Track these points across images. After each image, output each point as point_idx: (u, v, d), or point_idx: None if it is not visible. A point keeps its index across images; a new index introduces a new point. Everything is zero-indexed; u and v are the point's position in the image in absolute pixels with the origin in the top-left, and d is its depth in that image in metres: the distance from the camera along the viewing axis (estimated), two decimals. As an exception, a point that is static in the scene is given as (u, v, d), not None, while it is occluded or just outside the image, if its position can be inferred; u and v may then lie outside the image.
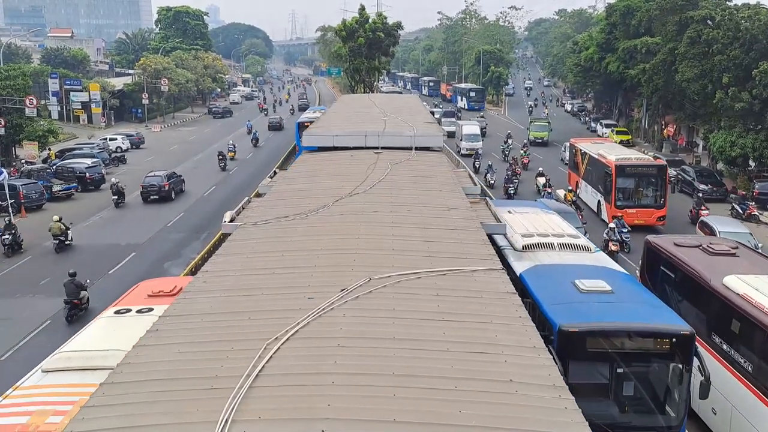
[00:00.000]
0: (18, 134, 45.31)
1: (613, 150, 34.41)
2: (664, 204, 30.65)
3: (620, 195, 30.71)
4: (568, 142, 42.72)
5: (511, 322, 8.65)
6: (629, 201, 30.69)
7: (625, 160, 31.37)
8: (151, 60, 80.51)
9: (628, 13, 58.65)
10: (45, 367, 10.20)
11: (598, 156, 33.29)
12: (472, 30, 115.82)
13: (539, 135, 58.54)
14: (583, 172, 36.47)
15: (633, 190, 30.83)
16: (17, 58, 78.14)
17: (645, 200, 30.84)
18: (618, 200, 30.54)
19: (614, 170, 30.52)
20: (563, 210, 24.57)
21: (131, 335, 8.98)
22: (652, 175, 30.95)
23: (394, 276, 9.81)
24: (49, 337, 19.85)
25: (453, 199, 15.04)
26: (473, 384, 7.06)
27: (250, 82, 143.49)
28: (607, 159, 31.93)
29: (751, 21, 37.70)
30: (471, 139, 51.76)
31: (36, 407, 8.87)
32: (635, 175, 30.91)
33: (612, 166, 30.77)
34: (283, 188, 16.90)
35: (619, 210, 30.03)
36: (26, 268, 26.35)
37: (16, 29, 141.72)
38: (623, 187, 30.81)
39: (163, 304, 10.63)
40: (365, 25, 60.34)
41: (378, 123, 23.03)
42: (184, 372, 7.38)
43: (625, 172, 30.66)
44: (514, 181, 37.80)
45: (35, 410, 8.78)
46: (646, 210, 30.52)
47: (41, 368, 10.23)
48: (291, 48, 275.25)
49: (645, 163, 31.57)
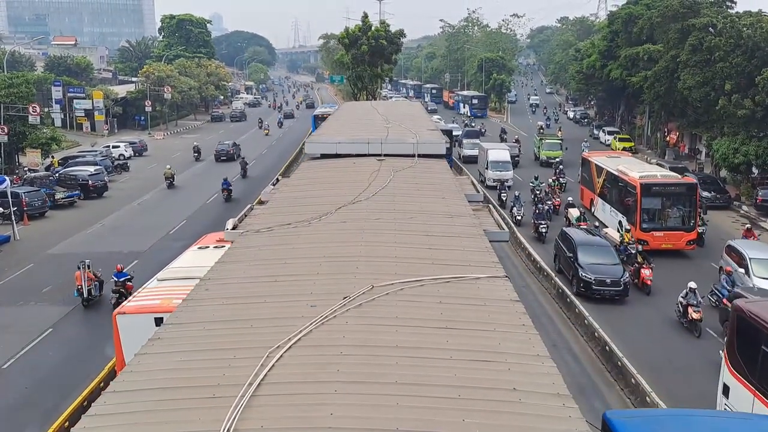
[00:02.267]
0: (21, 142, 45.39)
1: (635, 165, 31.88)
2: (695, 226, 28.05)
3: (646, 216, 27.99)
4: (582, 157, 39.40)
5: (515, 330, 8.62)
6: (656, 223, 28.08)
7: (650, 178, 28.71)
8: (154, 68, 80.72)
9: (630, 20, 58.70)
10: (159, 277, 16.03)
11: (618, 172, 30.72)
12: (475, 37, 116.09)
13: (552, 155, 50.29)
14: (599, 188, 33.89)
15: (660, 210, 28.22)
16: (21, 66, 78.39)
17: (674, 222, 28.12)
18: (643, 222, 27.92)
19: (639, 189, 27.89)
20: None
21: (211, 260, 12.60)
22: (681, 194, 28.33)
23: (397, 284, 9.78)
24: (51, 346, 19.85)
25: (456, 207, 15.02)
26: (477, 392, 7.02)
27: (252, 89, 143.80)
28: (629, 176, 29.38)
29: (753, 28, 37.70)
30: (499, 167, 42.05)
31: (161, 296, 14.40)
32: (663, 195, 28.37)
33: (637, 184, 28.14)
34: (286, 195, 16.90)
35: (645, 233, 27.70)
36: (28, 276, 26.34)
37: (20, 37, 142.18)
38: (649, 208, 28.15)
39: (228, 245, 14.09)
40: (368, 33, 60.49)
41: (381, 130, 23.03)
42: (186, 380, 7.35)
43: (651, 191, 28.09)
44: (548, 215, 32.18)
45: (162, 297, 14.27)
46: (674, 233, 27.85)
47: (156, 278, 16.09)
48: (294, 55, 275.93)
49: (673, 181, 28.98)
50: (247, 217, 15.53)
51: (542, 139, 53.29)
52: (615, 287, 22.88)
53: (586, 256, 23.87)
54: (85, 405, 14.54)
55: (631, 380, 16.50)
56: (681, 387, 17.03)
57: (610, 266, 23.48)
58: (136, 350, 8.29)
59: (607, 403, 15.91)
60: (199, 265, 13.94)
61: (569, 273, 24.44)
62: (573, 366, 18.37)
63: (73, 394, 16.11)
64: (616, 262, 23.70)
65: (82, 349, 19.54)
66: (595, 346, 19.17)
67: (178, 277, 15.10)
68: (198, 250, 17.96)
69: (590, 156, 37.04)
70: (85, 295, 22.12)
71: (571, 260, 24.09)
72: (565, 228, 27.36)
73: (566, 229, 26.83)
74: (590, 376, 17.94)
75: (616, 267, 23.47)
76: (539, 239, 30.50)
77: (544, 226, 30.53)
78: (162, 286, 15.36)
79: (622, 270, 23.39)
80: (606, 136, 62.05)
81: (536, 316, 19.75)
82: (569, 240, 25.29)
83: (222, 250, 14.45)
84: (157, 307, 13.66)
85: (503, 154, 43.63)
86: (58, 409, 15.51)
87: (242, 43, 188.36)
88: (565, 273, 25.06)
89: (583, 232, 26.41)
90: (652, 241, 27.37)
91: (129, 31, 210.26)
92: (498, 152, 43.70)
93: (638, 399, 15.85)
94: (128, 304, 14.73)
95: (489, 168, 42.47)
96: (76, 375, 17.57)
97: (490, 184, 40.81)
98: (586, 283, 22.99)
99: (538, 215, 31.01)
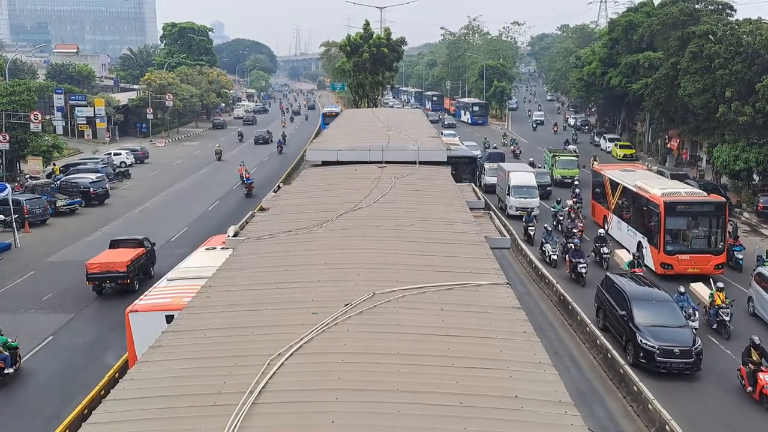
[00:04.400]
0: (22, 149, 45.42)
1: (655, 181, 29.68)
2: (724, 248, 25.97)
3: (670, 238, 25.92)
4: (593, 170, 36.75)
5: (516, 337, 8.59)
6: (681, 245, 25.94)
7: (674, 196, 26.47)
8: (156, 75, 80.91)
9: (630, 28, 58.84)
10: (169, 277, 17.08)
11: (636, 189, 28.57)
12: (475, 45, 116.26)
13: (568, 173, 45.19)
14: (613, 205, 31.77)
15: (686, 232, 26.15)
16: (23, 74, 78.54)
17: (700, 244, 25.90)
18: (668, 244, 25.76)
19: (663, 208, 25.70)
20: None
21: (218, 260, 13.07)
22: (709, 213, 26.13)
23: (399, 291, 9.76)
24: (51, 354, 19.81)
25: (457, 213, 15.02)
26: (478, 400, 7.00)
27: (254, 96, 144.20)
28: (651, 193, 27.18)
29: (753, 36, 37.76)
30: (523, 194, 36.12)
31: (172, 295, 15.25)
32: (689, 214, 26.19)
33: (660, 202, 25.94)
34: (287, 203, 16.90)
35: (669, 256, 25.63)
36: (29, 284, 26.31)
37: (22, 45, 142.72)
38: (674, 229, 26.11)
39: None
40: (370, 41, 60.62)
41: (382, 137, 23.05)
42: (186, 388, 7.33)
43: (676, 210, 25.89)
44: (581, 252, 26.45)
45: (172, 296, 15.14)
46: (702, 256, 25.61)
47: (167, 278, 17.11)
48: (295, 63, 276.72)
49: (700, 200, 26.65)
50: (249, 224, 15.52)
51: (555, 155, 47.93)
52: (685, 359, 17.99)
53: (645, 315, 19.10)
54: (85, 413, 14.51)
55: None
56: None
57: (676, 330, 18.67)
58: (147, 346, 8.53)
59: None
60: (207, 266, 14.75)
61: (621, 335, 19.82)
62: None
63: (73, 402, 16.08)
64: (683, 324, 18.98)
65: (83, 357, 19.49)
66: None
67: (188, 277, 16.06)
68: (206, 251, 19.09)
69: (602, 169, 34.80)
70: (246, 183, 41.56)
71: (624, 319, 19.36)
72: (610, 275, 22.23)
73: (613, 277, 21.68)
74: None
75: (684, 331, 18.64)
76: (577, 281, 25.73)
77: (584, 266, 25.54)
78: (172, 285, 16.30)
79: (692, 335, 18.58)
80: (607, 143, 62.13)
81: (538, 323, 19.53)
82: (619, 292, 20.39)
83: (228, 251, 14.66)
84: (168, 305, 14.43)
85: (528, 177, 37.27)
86: (59, 417, 15.48)
87: (244, 51, 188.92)
88: (613, 332, 20.47)
89: (636, 282, 21.20)
90: (677, 266, 25.47)
91: (131, 39, 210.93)
92: (522, 175, 37.32)
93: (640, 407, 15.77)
94: (140, 303, 15.47)
95: (511, 194, 36.23)
96: (76, 383, 17.55)
97: (513, 213, 35.69)
98: (647, 352, 18.18)
99: (575, 253, 26.00)
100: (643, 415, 15.62)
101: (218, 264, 12.20)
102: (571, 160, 47.04)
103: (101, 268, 24.10)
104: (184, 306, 10.12)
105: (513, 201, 35.98)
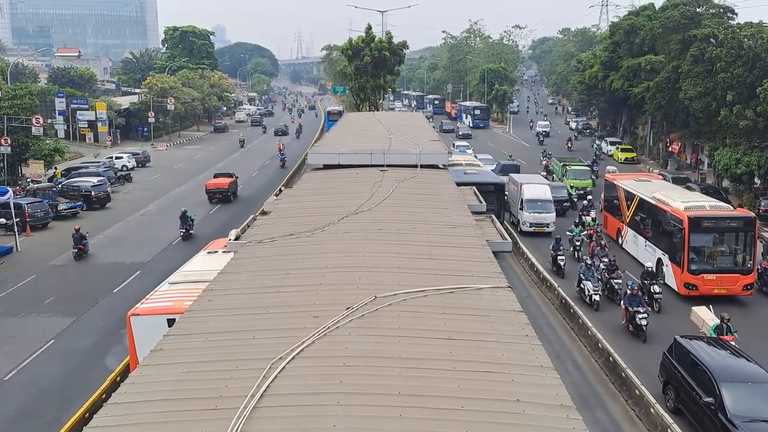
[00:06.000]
0: (24, 153, 45.50)
1: (675, 193, 27.61)
2: (753, 267, 24.08)
3: (695, 256, 23.94)
4: (605, 180, 34.47)
5: (518, 340, 8.58)
6: (707, 264, 24.00)
7: (699, 210, 24.45)
8: (158, 79, 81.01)
9: (631, 31, 58.92)
10: (171, 280, 16.88)
11: (655, 201, 26.77)
12: (477, 49, 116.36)
13: (581, 184, 41.94)
14: (629, 218, 29.79)
15: (712, 249, 24.31)
16: (24, 78, 78.60)
17: (728, 263, 24.08)
18: (692, 263, 23.77)
19: (687, 223, 23.69)
20: None
21: (220, 264, 13.01)
22: (737, 229, 24.29)
23: (400, 294, 9.75)
24: (53, 357, 19.81)
25: (458, 217, 15.01)
26: (480, 404, 6.98)
27: (255, 100, 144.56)
28: (672, 207, 25.19)
29: (754, 39, 37.79)
30: (537, 207, 33.01)
31: (174, 298, 15.03)
32: (715, 230, 24.33)
33: (684, 217, 23.91)
34: (289, 206, 16.90)
35: (694, 276, 23.65)
36: (31, 288, 26.32)
37: (24, 49, 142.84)
38: (699, 246, 24.14)
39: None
40: (371, 44, 60.68)
41: (383, 141, 23.06)
42: (188, 392, 7.33)
43: (701, 226, 23.97)
44: (636, 297, 20.86)
45: (174, 299, 14.88)
46: (729, 276, 23.65)
47: (168, 281, 16.90)
48: (297, 67, 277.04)
49: (727, 214, 24.71)
50: (250, 228, 15.52)
51: (566, 165, 44.89)
52: None
53: (743, 405, 14.05)
54: (86, 417, 14.49)
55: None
56: None
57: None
58: (149, 349, 8.51)
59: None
60: (209, 269, 14.70)
61: (706, 430, 14.73)
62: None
63: (74, 406, 16.06)
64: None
65: (84, 361, 19.49)
66: None
67: (189, 281, 16.00)
68: (207, 255, 19.06)
69: (616, 179, 32.84)
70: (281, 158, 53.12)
71: (710, 408, 14.30)
72: (683, 340, 16.67)
73: (688, 345, 16.33)
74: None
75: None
76: (636, 334, 20.59)
77: (644, 316, 20.15)
78: (174, 288, 16.20)
79: None
80: (608, 147, 62.24)
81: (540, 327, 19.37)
82: (700, 368, 15.27)
83: (230, 254, 14.77)
84: (170, 308, 14.36)
85: (542, 190, 34.03)
86: (60, 421, 15.46)
87: (245, 55, 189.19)
88: (690, 419, 15.45)
89: (722, 352, 15.99)
90: (702, 286, 23.52)
91: (132, 43, 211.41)
92: (535, 188, 34.19)
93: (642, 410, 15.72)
94: (141, 306, 15.37)
95: (524, 208, 33.01)
96: (77, 386, 17.55)
97: (526, 229, 32.86)
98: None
99: (632, 299, 20.48)
100: (644, 419, 15.39)
101: (220, 267, 12.19)
102: (584, 170, 43.98)
103: (214, 186, 42.39)
104: (186, 309, 10.12)
105: (526, 216, 32.86)
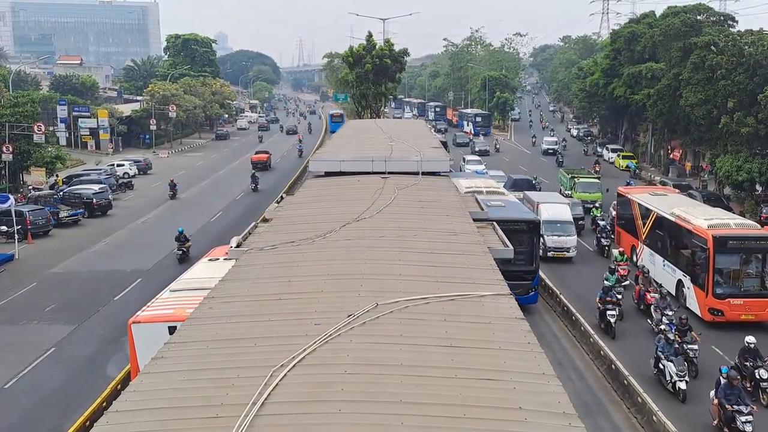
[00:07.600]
0: (26, 160, 45.53)
1: (696, 209, 25.42)
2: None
3: (720, 279, 21.98)
4: (618, 193, 32.36)
5: (520, 348, 8.55)
6: (734, 287, 21.98)
7: (724, 228, 22.45)
8: (160, 86, 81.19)
9: (632, 39, 59.03)
10: (172, 288, 16.81)
11: (674, 218, 24.64)
12: (478, 56, 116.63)
13: (589, 198, 39.26)
14: (644, 235, 27.78)
15: (739, 271, 22.19)
16: (26, 85, 78.83)
17: (756, 286, 22.07)
18: (717, 286, 21.77)
19: (712, 243, 21.67)
20: None
21: (221, 271, 13.03)
22: (765, 249, 22.30)
23: (402, 301, 9.73)
24: (54, 365, 19.77)
25: (460, 224, 14.99)
26: (482, 411, 6.96)
27: (257, 107, 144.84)
28: (694, 225, 23.16)
29: (755, 46, 37.86)
30: (557, 230, 29.99)
31: (175, 306, 14.93)
32: (742, 251, 22.22)
33: (708, 237, 21.88)
34: (290, 213, 16.90)
35: (720, 301, 21.67)
36: (32, 295, 26.29)
37: (26, 56, 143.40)
38: (726, 268, 22.14)
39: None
40: (372, 52, 60.85)
41: (385, 148, 23.08)
42: (189, 400, 7.31)
43: (727, 246, 21.93)
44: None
45: (175, 307, 14.79)
46: (758, 301, 21.67)
47: (169, 288, 16.81)
48: (298, 74, 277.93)
49: (755, 234, 22.69)
50: (251, 235, 15.52)
51: (574, 177, 42.37)
52: None
53: None
54: (87, 425, 14.46)
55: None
56: None
57: None
58: (150, 357, 8.50)
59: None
60: (210, 276, 14.70)
61: None
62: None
63: (75, 414, 16.01)
64: None
65: (85, 369, 19.45)
66: None
67: (190, 288, 15.94)
68: (208, 262, 18.92)
69: (630, 193, 30.89)
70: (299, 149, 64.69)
71: None
72: None
73: None
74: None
75: None
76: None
77: (747, 419, 14.56)
78: (175, 296, 16.11)
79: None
80: (609, 154, 62.38)
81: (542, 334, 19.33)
82: None
83: (231, 262, 14.73)
84: (171, 316, 14.30)
85: (562, 210, 31.27)
86: (60, 429, 15.43)
87: (247, 62, 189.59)
88: None
89: None
90: (729, 312, 21.60)
91: (134, 51, 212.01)
92: (554, 207, 31.36)
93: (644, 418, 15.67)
94: (142, 314, 15.30)
95: (542, 231, 28.14)
96: (78, 394, 17.51)
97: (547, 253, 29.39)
98: None
99: (731, 393, 14.93)
100: (647, 427, 15.32)
101: (221, 275, 12.18)
102: (593, 183, 41.50)
103: (257, 159, 59.70)
104: (187, 317, 10.11)
105: (545, 240, 28.96)
